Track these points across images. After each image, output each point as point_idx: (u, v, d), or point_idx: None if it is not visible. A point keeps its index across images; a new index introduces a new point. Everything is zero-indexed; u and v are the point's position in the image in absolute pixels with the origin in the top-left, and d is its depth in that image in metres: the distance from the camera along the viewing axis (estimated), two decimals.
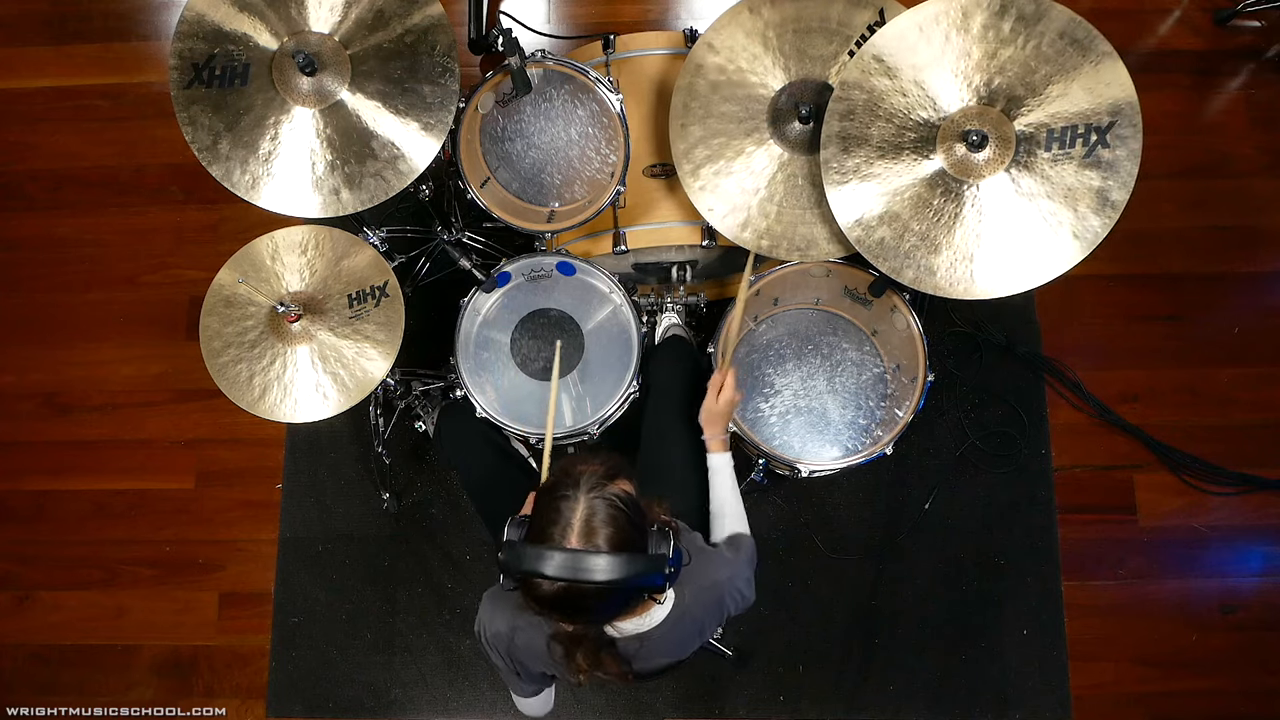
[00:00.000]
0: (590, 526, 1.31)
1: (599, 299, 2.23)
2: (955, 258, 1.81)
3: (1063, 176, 1.76)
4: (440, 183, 2.51)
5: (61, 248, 2.90)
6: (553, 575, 1.27)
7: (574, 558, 1.28)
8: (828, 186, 1.83)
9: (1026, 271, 1.79)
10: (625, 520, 1.33)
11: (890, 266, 1.83)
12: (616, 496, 1.34)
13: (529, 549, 1.30)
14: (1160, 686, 2.50)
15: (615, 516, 1.32)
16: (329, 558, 2.62)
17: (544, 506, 1.35)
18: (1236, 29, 2.88)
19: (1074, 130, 1.74)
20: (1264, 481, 2.58)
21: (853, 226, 1.84)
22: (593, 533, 1.31)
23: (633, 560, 1.30)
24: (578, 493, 1.33)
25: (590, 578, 1.27)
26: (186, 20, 1.83)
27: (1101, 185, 1.74)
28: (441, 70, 1.83)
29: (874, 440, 2.23)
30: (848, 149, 1.82)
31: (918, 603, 2.52)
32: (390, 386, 2.39)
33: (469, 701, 2.52)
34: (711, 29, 1.97)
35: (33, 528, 2.73)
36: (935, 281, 1.81)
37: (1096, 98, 1.73)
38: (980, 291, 1.80)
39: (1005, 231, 1.79)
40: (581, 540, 1.30)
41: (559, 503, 1.33)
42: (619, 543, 1.31)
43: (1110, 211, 1.74)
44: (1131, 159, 1.72)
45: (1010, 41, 1.75)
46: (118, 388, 2.80)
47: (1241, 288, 2.73)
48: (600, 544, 1.30)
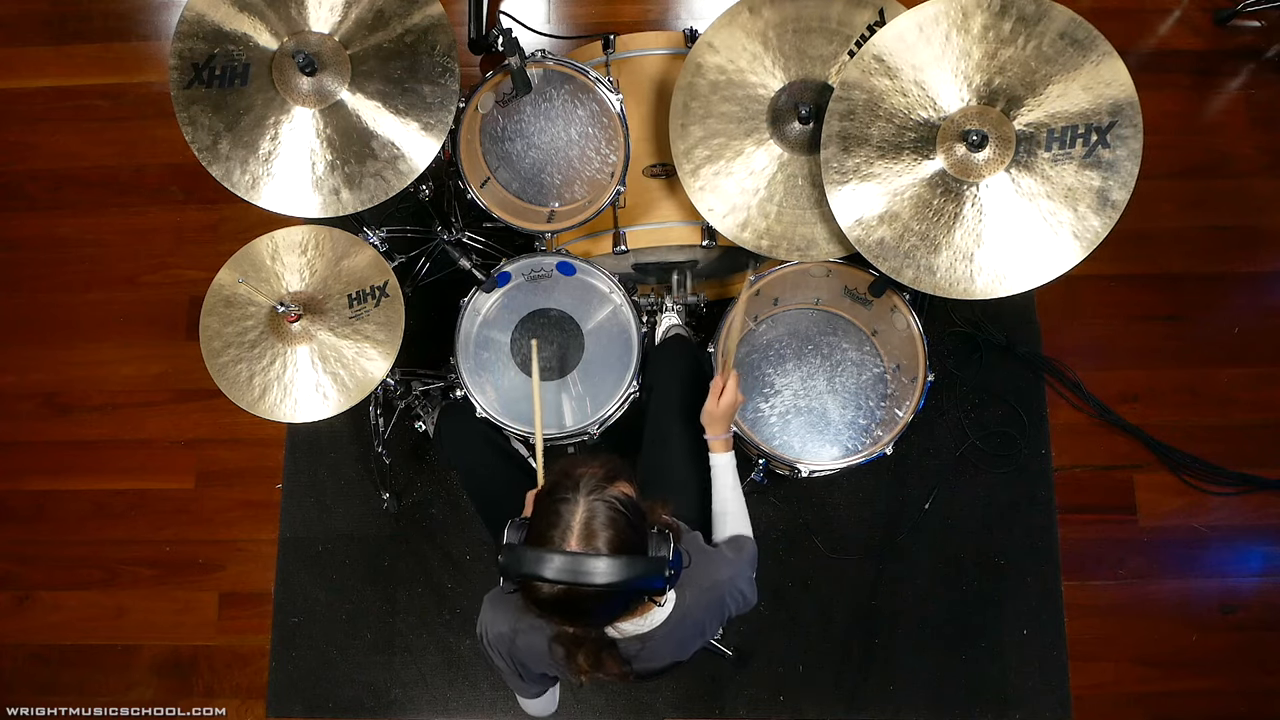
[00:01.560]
0: (590, 529, 1.31)
1: (599, 299, 2.23)
2: (955, 258, 1.81)
3: (1063, 176, 1.76)
4: (440, 183, 2.51)
5: (61, 248, 2.90)
6: (552, 578, 1.27)
7: (574, 560, 1.28)
8: (828, 186, 1.84)
9: (1026, 272, 1.79)
10: (625, 523, 1.33)
11: (890, 266, 1.83)
12: (616, 499, 1.34)
13: (528, 552, 1.30)
14: (1160, 686, 2.50)
15: (615, 519, 1.32)
16: (329, 558, 2.62)
17: (543, 509, 1.35)
18: (1236, 29, 2.88)
19: (1074, 130, 1.74)
20: (1264, 481, 2.58)
21: (853, 226, 1.84)
22: (592, 535, 1.30)
23: (632, 563, 1.30)
24: (577, 495, 1.33)
25: (590, 581, 1.27)
26: (186, 20, 1.83)
27: (1102, 185, 1.74)
28: (441, 70, 1.83)
29: (874, 440, 2.23)
30: (848, 149, 1.82)
31: (918, 603, 2.52)
32: (390, 386, 2.39)
33: (469, 701, 2.52)
34: (711, 29, 1.97)
35: (33, 528, 2.73)
36: (935, 281, 1.81)
37: (1097, 97, 1.73)
38: (980, 291, 1.80)
39: (1005, 231, 1.79)
40: (581, 543, 1.30)
41: (558, 505, 1.33)
42: (619, 545, 1.31)
43: (1111, 211, 1.74)
44: (1132, 159, 1.72)
45: (1010, 42, 1.75)
46: (118, 388, 2.80)
47: (1241, 288, 2.73)
48: (600, 546, 1.30)
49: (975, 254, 1.80)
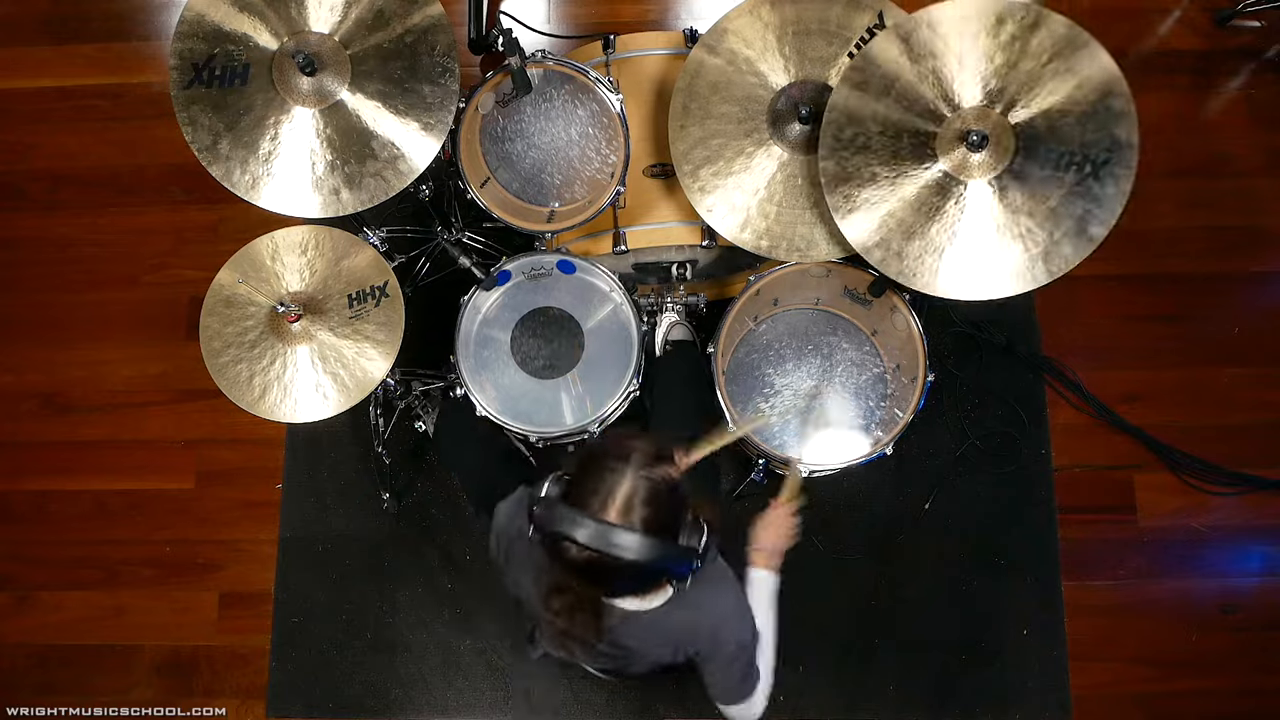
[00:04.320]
0: (630, 503, 1.31)
1: (599, 297, 2.23)
2: (926, 249, 1.81)
3: (1049, 197, 1.76)
4: (440, 183, 2.51)
5: (61, 248, 2.90)
6: (583, 543, 1.28)
7: (608, 531, 1.28)
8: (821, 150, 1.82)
9: (986, 280, 1.80)
10: (665, 504, 1.34)
11: (861, 242, 1.84)
12: (664, 480, 1.34)
13: (565, 510, 1.31)
14: (1160, 686, 2.50)
15: (657, 499, 1.32)
16: (329, 558, 2.62)
17: (589, 473, 1.35)
18: (1236, 29, 2.88)
19: (1071, 155, 1.75)
20: (1264, 481, 2.58)
21: (835, 197, 1.83)
22: (631, 510, 1.31)
23: (664, 545, 1.31)
24: (626, 467, 1.33)
25: (619, 554, 1.28)
26: (186, 20, 1.83)
27: (1084, 214, 1.75)
28: (441, 70, 1.83)
29: (874, 440, 2.23)
30: (853, 119, 1.82)
31: (918, 603, 2.52)
32: (390, 386, 2.39)
33: (469, 701, 2.52)
34: (711, 30, 1.97)
35: (33, 528, 2.72)
36: (900, 267, 1.82)
37: (1099, 130, 1.73)
38: (938, 288, 1.81)
39: (980, 236, 1.79)
40: (619, 515, 1.30)
41: (605, 474, 1.33)
42: (655, 525, 1.31)
43: (1086, 244, 1.75)
44: (1119, 197, 1.73)
45: (1035, 56, 1.75)
46: (118, 388, 2.80)
47: (1241, 288, 2.73)
48: (635, 522, 1.30)
49: (946, 250, 1.80)
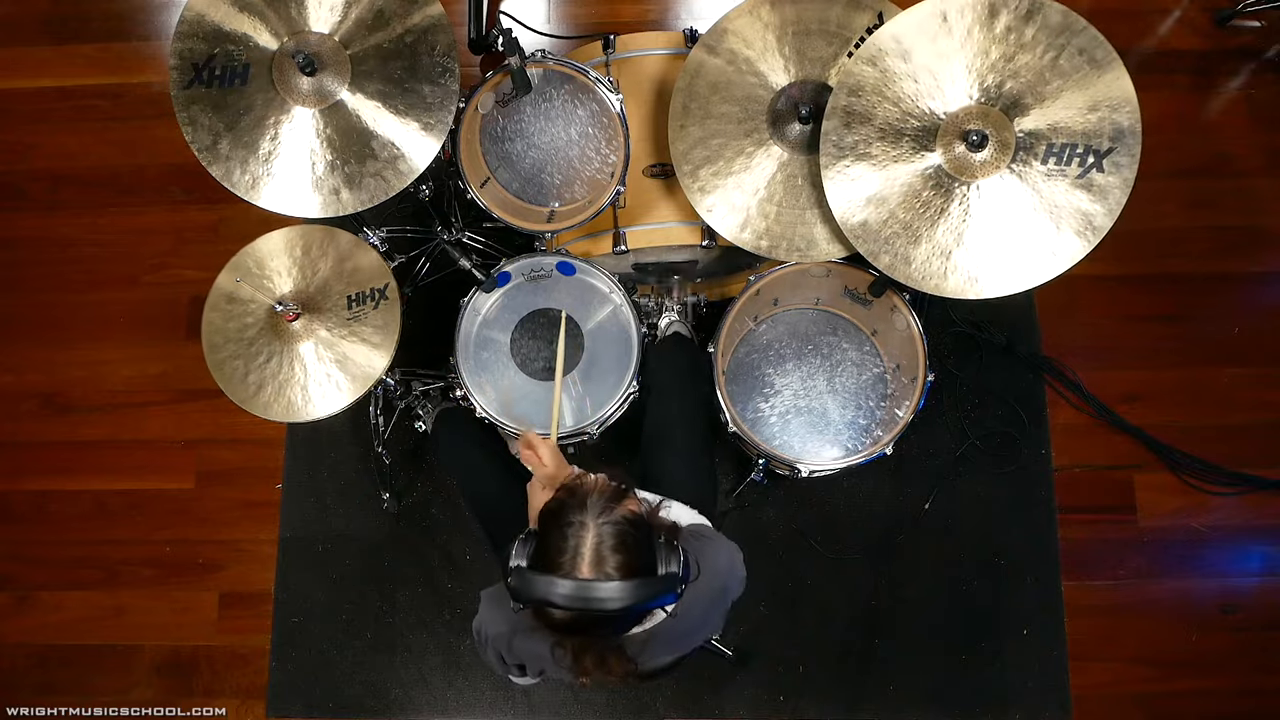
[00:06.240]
0: (600, 555, 1.28)
1: (599, 299, 2.23)
2: (933, 251, 1.81)
3: (1053, 192, 1.76)
4: (440, 183, 2.51)
5: (61, 248, 2.90)
6: (565, 605, 1.26)
7: (586, 587, 1.25)
8: (823, 159, 1.83)
9: (996, 278, 1.79)
10: (634, 544, 1.31)
11: (868, 249, 1.83)
12: (625, 519, 1.32)
13: (539, 578, 1.28)
14: (1160, 686, 2.50)
15: (625, 542, 1.30)
16: (329, 558, 2.62)
17: (551, 532, 1.32)
18: (1236, 29, 2.88)
19: (1073, 148, 1.74)
20: (1263, 481, 2.58)
21: (840, 202, 1.83)
22: (603, 560, 1.28)
23: (645, 584, 1.29)
24: (585, 518, 1.30)
25: (603, 607, 1.25)
26: (186, 20, 1.83)
27: (1089, 209, 1.74)
28: (441, 70, 1.83)
29: (874, 440, 2.23)
30: (850, 124, 1.82)
31: (918, 603, 2.52)
32: (390, 386, 2.39)
33: (469, 701, 2.52)
34: (711, 30, 1.97)
35: (33, 528, 2.72)
36: (909, 271, 1.82)
37: (1101, 120, 1.73)
38: (949, 290, 1.81)
39: (986, 235, 1.79)
40: (592, 569, 1.28)
41: (566, 530, 1.30)
42: (630, 568, 1.29)
43: (1091, 236, 1.75)
44: (1123, 188, 1.73)
45: (1030, 48, 1.74)
46: (118, 388, 2.80)
47: (1241, 288, 2.73)
48: (611, 571, 1.28)
49: (953, 252, 1.80)
